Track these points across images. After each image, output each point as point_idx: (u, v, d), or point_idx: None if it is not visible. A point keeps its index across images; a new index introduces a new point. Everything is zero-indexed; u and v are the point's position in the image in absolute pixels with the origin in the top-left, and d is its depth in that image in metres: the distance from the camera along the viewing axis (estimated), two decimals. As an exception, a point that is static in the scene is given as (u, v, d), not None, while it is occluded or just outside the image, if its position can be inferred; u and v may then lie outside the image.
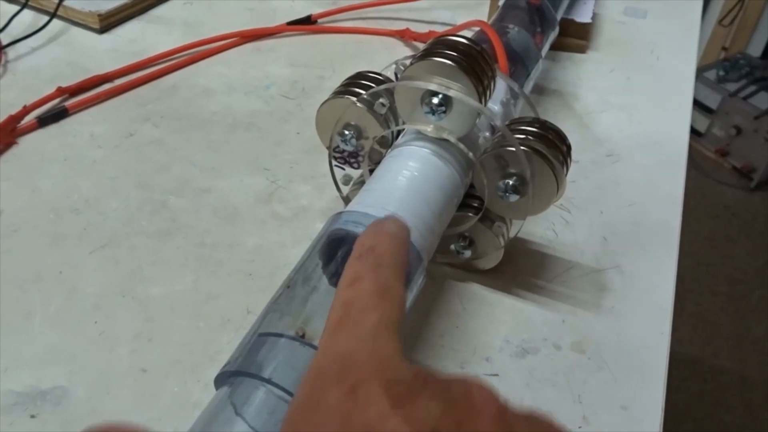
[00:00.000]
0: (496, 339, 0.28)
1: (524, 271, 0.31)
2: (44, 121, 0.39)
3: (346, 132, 0.28)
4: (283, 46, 0.48)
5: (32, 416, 0.25)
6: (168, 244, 0.32)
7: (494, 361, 0.27)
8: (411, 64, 0.25)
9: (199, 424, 0.19)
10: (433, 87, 0.24)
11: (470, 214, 0.28)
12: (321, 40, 0.49)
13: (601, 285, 0.30)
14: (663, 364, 0.27)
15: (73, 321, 0.29)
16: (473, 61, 0.25)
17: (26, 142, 0.38)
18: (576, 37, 0.47)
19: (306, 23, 0.49)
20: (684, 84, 0.45)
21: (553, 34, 0.41)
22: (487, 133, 0.29)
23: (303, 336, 0.22)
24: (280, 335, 0.20)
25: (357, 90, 0.28)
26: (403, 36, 0.48)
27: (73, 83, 0.42)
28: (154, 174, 0.36)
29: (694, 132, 1.40)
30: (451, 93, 0.24)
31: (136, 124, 0.40)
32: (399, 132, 0.28)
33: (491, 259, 0.30)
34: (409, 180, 0.25)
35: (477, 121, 0.28)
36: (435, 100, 0.25)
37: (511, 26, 0.36)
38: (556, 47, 0.48)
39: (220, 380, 0.20)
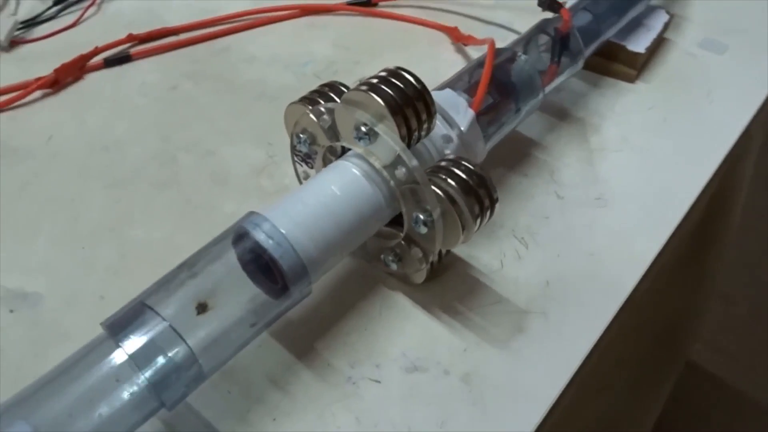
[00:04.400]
0: (395, 350, 0.30)
1: (452, 293, 0.33)
2: (109, 63, 0.45)
3: (301, 135, 0.30)
4: (336, 24, 0.51)
5: (11, 311, 0.32)
6: (162, 195, 0.37)
7: (383, 368, 0.30)
8: (355, 88, 0.27)
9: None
10: (361, 118, 0.26)
11: (397, 233, 0.30)
12: (372, 24, 0.51)
13: (519, 326, 0.31)
14: (535, 421, 0.28)
15: (67, 243, 0.35)
16: (406, 102, 0.26)
17: (90, 80, 0.45)
18: (625, 64, 0.45)
19: (364, 4, 0.51)
20: (724, 136, 0.42)
21: (573, 69, 0.40)
22: (448, 151, 0.30)
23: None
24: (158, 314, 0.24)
25: (320, 99, 0.30)
26: (450, 34, 0.48)
27: (144, 32, 0.47)
28: (177, 129, 0.41)
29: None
30: (376, 128, 0.26)
31: (182, 79, 0.45)
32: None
33: (417, 277, 0.32)
34: (328, 197, 0.27)
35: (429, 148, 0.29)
36: (363, 129, 0.27)
37: (521, 54, 0.36)
38: (602, 71, 0.46)
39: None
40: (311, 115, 0.29)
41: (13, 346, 0.30)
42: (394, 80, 0.27)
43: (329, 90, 0.30)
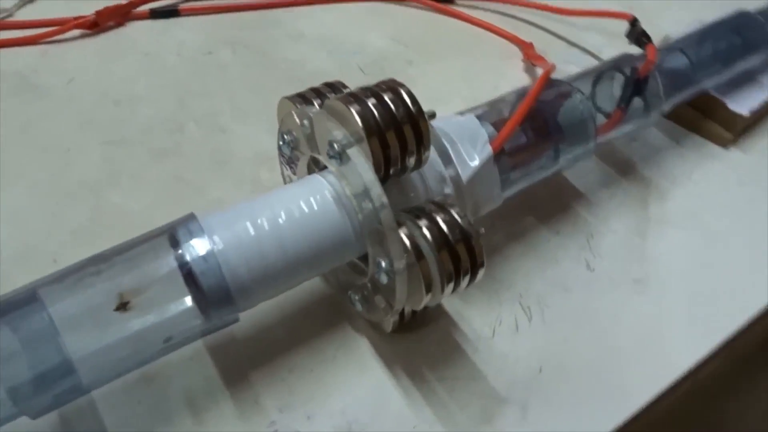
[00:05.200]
0: (336, 404, 0.26)
1: (424, 353, 0.28)
2: (155, 14, 0.43)
3: (286, 137, 0.26)
4: (402, 16, 0.46)
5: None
6: (156, 164, 0.35)
7: (314, 422, 0.25)
8: (340, 96, 0.23)
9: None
10: (335, 135, 0.22)
11: (361, 273, 0.25)
12: (442, 22, 0.46)
13: (488, 415, 0.26)
14: None
15: (43, 195, 0.33)
16: (391, 124, 0.21)
17: (132, 28, 0.43)
18: (721, 125, 0.38)
19: (441, 0, 0.46)
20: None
21: (644, 122, 0.33)
22: (447, 191, 0.25)
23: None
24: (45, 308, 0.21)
25: (316, 99, 0.26)
26: (523, 50, 0.42)
27: (200, -12, 0.45)
28: (196, 97, 0.38)
29: None
30: (348, 149, 0.22)
31: (220, 45, 0.42)
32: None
33: (385, 325, 0.27)
34: (285, 215, 0.23)
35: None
36: (335, 147, 0.22)
37: (578, 91, 0.30)
38: (691, 127, 0.39)
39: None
40: (295, 117, 0.25)
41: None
42: (385, 96, 0.22)
43: (330, 91, 0.26)
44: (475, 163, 0.25)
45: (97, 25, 0.41)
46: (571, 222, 0.33)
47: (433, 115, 0.25)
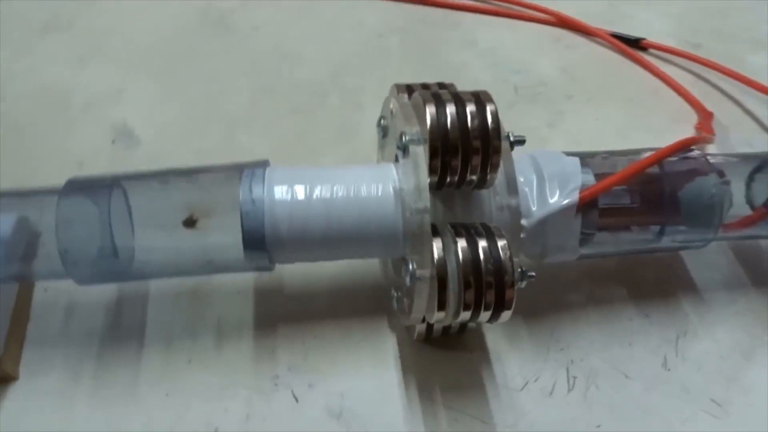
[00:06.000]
0: (339, 385, 0.26)
1: (445, 375, 0.26)
2: (350, -11, 0.46)
3: (382, 121, 0.27)
4: (584, 50, 0.43)
5: (113, 141, 0.35)
6: (289, 119, 0.37)
7: (312, 393, 0.25)
8: (422, 93, 0.23)
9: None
10: (404, 128, 0.22)
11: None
12: (624, 66, 0.42)
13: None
14: None
15: (192, 114, 0.37)
16: (460, 134, 0.21)
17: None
18: None
19: (630, 42, 0.43)
20: None
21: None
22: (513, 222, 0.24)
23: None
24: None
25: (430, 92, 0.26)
26: (700, 118, 0.38)
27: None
28: (351, 72, 0.40)
29: None
30: (411, 146, 0.21)
31: (393, 32, 0.44)
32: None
33: (411, 332, 0.26)
34: (345, 190, 0.23)
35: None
36: (403, 140, 0.22)
37: (718, 175, 0.26)
38: None
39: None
40: (390, 103, 0.25)
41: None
42: (468, 105, 0.21)
43: (439, 88, 0.26)
44: (554, 205, 0.24)
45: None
46: (667, 311, 0.29)
47: (521, 142, 0.23)
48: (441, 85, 0.27)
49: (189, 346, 0.27)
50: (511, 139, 0.23)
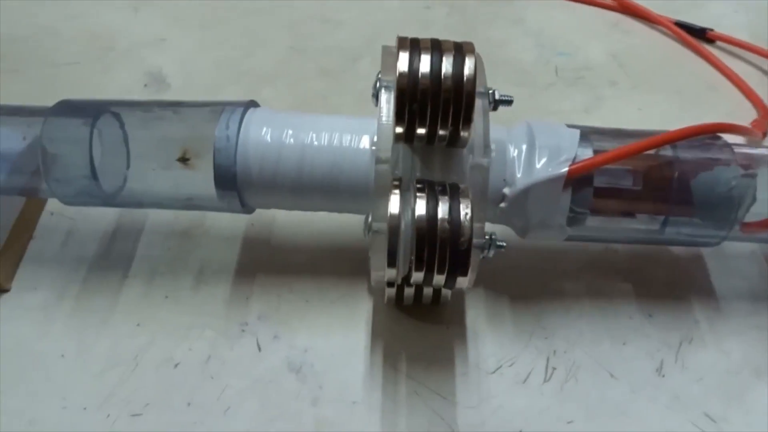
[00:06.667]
0: (304, 340, 0.25)
1: (414, 346, 0.25)
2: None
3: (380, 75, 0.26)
4: (642, 36, 0.40)
5: (145, 85, 0.36)
6: (316, 80, 0.37)
7: (276, 344, 0.25)
8: (404, 38, 0.21)
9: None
10: (380, 73, 0.21)
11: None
12: (685, 57, 0.39)
13: (431, 438, 0.23)
14: None
15: (226, 66, 0.37)
16: (431, 84, 0.19)
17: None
18: None
19: (695, 32, 0.39)
20: None
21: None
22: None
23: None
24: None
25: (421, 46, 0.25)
26: (759, 115, 0.34)
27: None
28: (388, 39, 0.39)
29: None
30: (381, 93, 0.20)
31: (441, 3, 0.42)
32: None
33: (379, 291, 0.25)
34: (321, 140, 0.23)
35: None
36: (376, 85, 0.21)
37: (741, 167, 0.24)
38: None
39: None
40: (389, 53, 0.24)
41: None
42: (446, 55, 0.20)
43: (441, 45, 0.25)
44: (539, 175, 0.22)
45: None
46: (675, 314, 0.27)
47: (507, 102, 0.22)
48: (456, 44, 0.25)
49: (169, 282, 0.27)
50: (497, 97, 0.21)
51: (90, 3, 0.42)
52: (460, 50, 0.20)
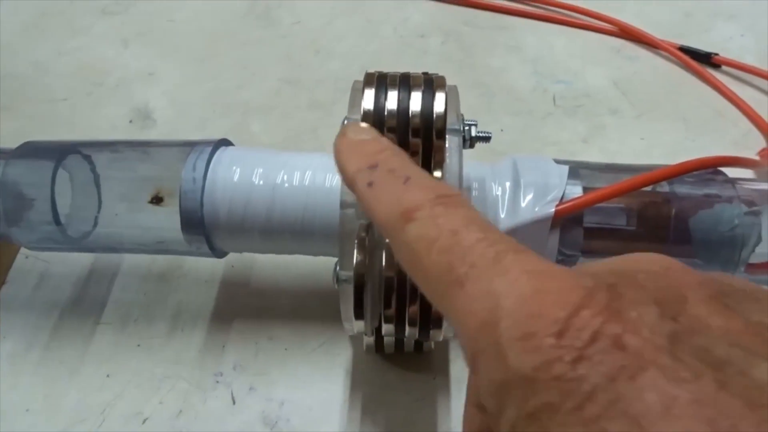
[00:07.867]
0: (281, 393, 0.24)
1: (392, 401, 0.24)
2: (399, -12, 0.44)
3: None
4: (645, 62, 0.39)
5: (130, 121, 0.36)
6: (307, 112, 0.36)
7: (252, 396, 0.24)
8: (371, 74, 0.20)
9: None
10: (352, 112, 0.20)
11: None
12: (689, 83, 0.37)
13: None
14: None
15: (214, 99, 0.37)
16: (396, 128, 0.18)
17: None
18: None
19: (699, 57, 0.38)
20: None
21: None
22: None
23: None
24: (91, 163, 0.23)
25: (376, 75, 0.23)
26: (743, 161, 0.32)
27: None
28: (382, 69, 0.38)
29: None
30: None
31: (436, 32, 0.41)
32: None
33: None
34: (291, 180, 0.22)
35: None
36: (343, 124, 0.20)
37: (749, 206, 0.22)
38: None
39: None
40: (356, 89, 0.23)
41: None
42: (413, 92, 0.19)
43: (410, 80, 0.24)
44: (524, 216, 0.20)
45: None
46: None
47: (485, 139, 0.20)
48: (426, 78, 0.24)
49: (143, 329, 0.26)
50: (473, 133, 0.20)
51: (82, 39, 0.41)
52: (430, 85, 0.19)
